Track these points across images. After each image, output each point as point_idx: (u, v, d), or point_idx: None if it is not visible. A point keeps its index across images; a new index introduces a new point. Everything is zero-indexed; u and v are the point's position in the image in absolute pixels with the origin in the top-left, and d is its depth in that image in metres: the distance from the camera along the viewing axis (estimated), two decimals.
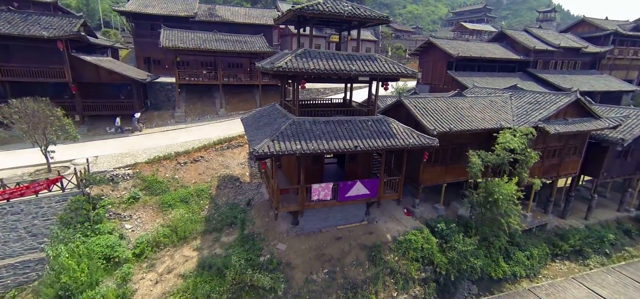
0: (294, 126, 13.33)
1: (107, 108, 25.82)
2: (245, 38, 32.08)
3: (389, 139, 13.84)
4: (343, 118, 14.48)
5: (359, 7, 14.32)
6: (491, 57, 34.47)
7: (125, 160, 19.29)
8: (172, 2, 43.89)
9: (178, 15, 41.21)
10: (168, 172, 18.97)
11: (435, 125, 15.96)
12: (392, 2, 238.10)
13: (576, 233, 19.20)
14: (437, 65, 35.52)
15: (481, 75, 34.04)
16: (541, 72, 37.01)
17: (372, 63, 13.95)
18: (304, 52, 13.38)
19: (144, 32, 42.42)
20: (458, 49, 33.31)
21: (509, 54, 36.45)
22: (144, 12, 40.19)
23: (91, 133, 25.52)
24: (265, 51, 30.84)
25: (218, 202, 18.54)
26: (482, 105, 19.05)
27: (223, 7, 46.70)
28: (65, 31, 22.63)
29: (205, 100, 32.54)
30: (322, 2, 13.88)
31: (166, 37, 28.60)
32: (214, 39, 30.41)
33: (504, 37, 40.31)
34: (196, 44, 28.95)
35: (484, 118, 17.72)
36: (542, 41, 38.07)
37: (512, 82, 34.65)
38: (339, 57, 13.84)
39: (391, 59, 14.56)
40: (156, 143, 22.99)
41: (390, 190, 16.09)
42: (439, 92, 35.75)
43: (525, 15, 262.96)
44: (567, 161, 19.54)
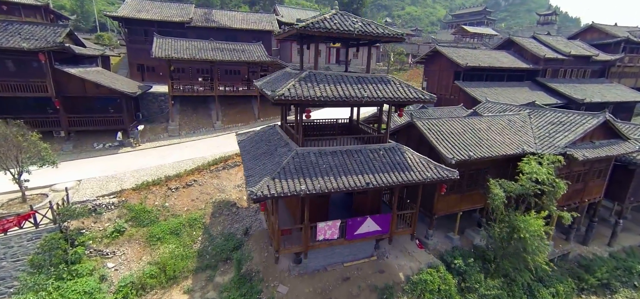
0: (298, 159, 11.72)
1: (94, 123, 24.11)
2: (243, 46, 30.45)
3: (404, 173, 12.27)
4: (352, 148, 12.88)
5: (370, 23, 12.75)
6: (500, 66, 33.01)
7: (111, 186, 17.60)
8: (166, 7, 42.25)
9: (173, 21, 39.61)
10: (157, 200, 17.30)
11: (453, 152, 14.41)
12: (391, 3, 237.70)
13: (602, 264, 17.70)
14: (443, 74, 34.03)
15: (489, 85, 32.59)
16: (551, 81, 35.61)
17: (385, 87, 12.37)
18: (308, 76, 11.77)
19: (137, 38, 40.76)
20: (466, 58, 31.82)
21: (518, 63, 35.01)
22: (137, 18, 38.54)
23: (77, 150, 23.80)
24: (264, 60, 29.24)
25: (212, 232, 16.89)
26: (501, 125, 17.53)
27: (220, 11, 45.10)
28: (48, 42, 20.92)
29: (201, 112, 30.87)
30: (328, 18, 12.31)
31: (159, 46, 26.92)
32: (210, 47, 28.75)
33: (511, 44, 38.89)
34: (191, 53, 27.30)
35: (503, 141, 16.19)
36: (551, 49, 36.67)
37: (521, 91, 33.26)
38: (348, 79, 12.25)
39: (404, 83, 12.98)
40: (146, 162, 21.31)
41: (403, 224, 14.52)
42: (445, 103, 34.29)
43: (524, 17, 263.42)
44: (591, 186, 18.04)
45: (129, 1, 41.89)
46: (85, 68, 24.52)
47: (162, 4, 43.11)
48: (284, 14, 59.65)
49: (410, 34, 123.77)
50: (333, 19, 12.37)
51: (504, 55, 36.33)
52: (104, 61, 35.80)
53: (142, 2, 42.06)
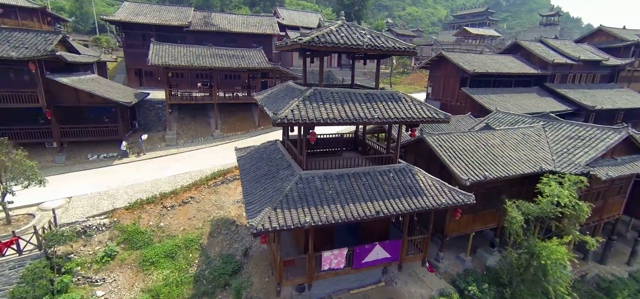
0: (301, 185, 10.76)
1: (88, 134, 23.18)
2: (242, 52, 29.50)
3: (417, 198, 11.30)
4: (360, 170, 11.89)
5: (379, 36, 11.79)
6: (508, 72, 32.02)
7: (102, 204, 16.65)
8: (164, 10, 41.37)
9: (171, 25, 38.72)
10: (152, 219, 16.35)
11: (467, 172, 13.44)
12: (392, 3, 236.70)
13: (623, 287, 16.73)
14: (449, 80, 33.03)
15: (496, 91, 31.58)
16: (559, 86, 34.61)
17: (396, 105, 11.40)
18: (313, 95, 10.80)
19: (134, 42, 39.90)
20: (473, 64, 30.82)
21: (526, 68, 34.01)
22: (134, 22, 37.68)
23: (71, 162, 22.88)
24: (265, 67, 28.29)
25: (210, 253, 15.94)
26: (515, 140, 16.55)
27: (219, 14, 44.18)
28: (38, 51, 20.00)
29: (199, 120, 29.92)
30: (334, 30, 11.35)
31: (155, 52, 25.99)
32: (208, 54, 27.82)
33: (518, 48, 37.87)
34: (189, 60, 26.37)
35: (519, 158, 15.22)
36: (560, 53, 35.66)
37: (529, 98, 32.27)
38: (356, 98, 11.28)
39: (416, 101, 12.00)
40: (141, 176, 20.37)
41: (414, 248, 13.54)
42: (450, 109, 33.28)
43: (525, 17, 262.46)
44: (611, 203, 17.06)
45: (126, 4, 41.02)
46: (79, 77, 23.60)
47: (160, 8, 42.25)
48: (284, 17, 58.76)
49: (412, 34, 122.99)
50: (340, 31, 11.40)
51: (511, 60, 35.32)
52: (101, 66, 34.88)
53: (140, 6, 41.18)
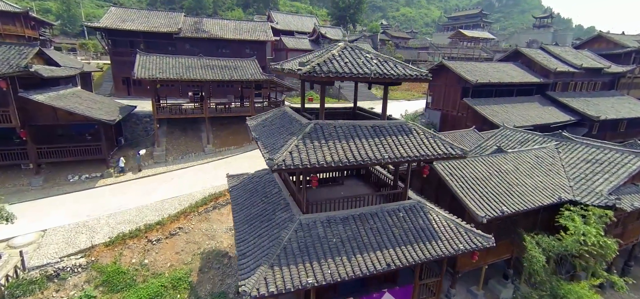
0: (301, 233, 9.42)
1: (68, 154, 21.50)
2: (235, 63, 28.03)
3: (431, 244, 10.05)
4: (366, 210, 10.60)
5: (387, 60, 10.51)
6: (510, 81, 31.10)
7: (80, 239, 15.10)
8: (153, 16, 39.71)
9: (160, 31, 37.12)
10: (135, 256, 14.85)
11: (483, 207, 12.24)
12: (386, 4, 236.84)
13: None
14: (450, 90, 31.99)
15: (498, 101, 30.61)
16: (561, 95, 33.82)
17: (407, 140, 10.12)
18: (314, 131, 9.46)
19: (121, 50, 38.16)
20: (475, 74, 29.82)
21: (528, 77, 33.14)
22: (121, 29, 35.95)
23: (49, 184, 21.20)
24: (259, 79, 26.85)
25: (200, 292, 14.51)
26: (528, 163, 15.44)
27: (211, 20, 42.56)
28: (10, 66, 18.32)
29: (190, 134, 28.37)
30: (337, 55, 10.05)
31: (142, 64, 24.41)
32: (199, 65, 26.31)
33: (518, 55, 37.03)
34: (178, 72, 24.84)
35: (535, 186, 14.09)
36: (561, 61, 34.89)
37: (531, 108, 31.37)
38: (362, 132, 9.97)
39: (429, 133, 10.74)
40: (125, 201, 18.83)
41: (426, 292, 12.29)
42: (451, 120, 32.26)
43: (517, 18, 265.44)
44: (631, 229, 16.05)
45: (112, 10, 39.25)
46: (57, 92, 21.91)
47: (149, 13, 40.59)
48: (278, 21, 57.39)
49: (407, 36, 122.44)
50: (343, 56, 10.09)
51: (512, 68, 34.44)
52: (85, 77, 33.00)
53: (127, 11, 39.48)
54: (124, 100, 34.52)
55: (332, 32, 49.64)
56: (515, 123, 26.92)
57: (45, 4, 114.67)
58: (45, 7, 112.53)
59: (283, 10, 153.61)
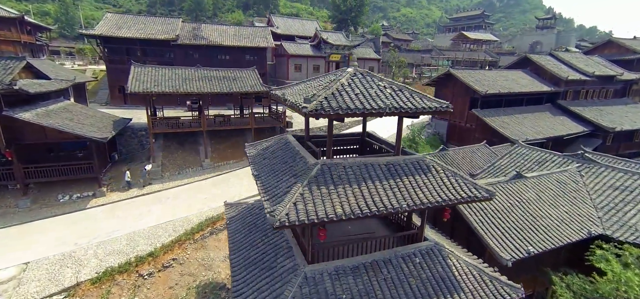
0: (307, 290, 8.25)
1: (57, 173, 20.37)
2: (234, 74, 26.87)
3: (452, 298, 8.88)
4: (378, 256, 9.41)
5: (402, 89, 9.35)
6: (520, 91, 29.91)
7: (65, 274, 13.96)
8: (150, 22, 38.58)
9: (157, 39, 36.01)
10: (124, 293, 13.69)
11: (507, 248, 11.08)
12: (386, 5, 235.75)
13: None
14: (458, 100, 30.78)
15: (508, 111, 29.40)
16: (572, 103, 32.61)
17: (426, 180, 8.94)
18: (321, 174, 8.29)
19: (117, 57, 37.09)
20: (485, 84, 28.64)
21: (538, 85, 31.94)
22: (117, 36, 34.84)
23: (38, 205, 20.08)
24: (259, 91, 25.68)
25: None
26: (550, 190, 14.25)
27: (209, 26, 41.42)
28: None
29: (187, 147, 27.23)
30: (346, 84, 8.91)
31: (136, 77, 23.28)
32: (196, 76, 25.17)
33: (527, 62, 35.84)
34: (174, 84, 23.70)
35: (561, 218, 12.90)
36: (573, 68, 33.69)
37: (543, 118, 30.16)
38: (375, 173, 8.79)
39: (450, 171, 9.56)
40: (116, 226, 17.69)
41: None
42: (459, 131, 31.08)
43: (518, 18, 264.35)
44: None
45: (108, 16, 38.17)
46: (46, 108, 20.78)
47: (145, 19, 39.47)
48: (279, 25, 56.28)
49: (408, 38, 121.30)
50: (353, 85, 8.93)
51: (521, 76, 33.25)
52: (80, 87, 31.78)
53: (123, 18, 38.37)
54: (120, 110, 33.51)
55: (334, 37, 48.47)
56: (527, 136, 25.77)
57: (43, 7, 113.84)
58: (44, 10, 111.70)
59: (283, 12, 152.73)
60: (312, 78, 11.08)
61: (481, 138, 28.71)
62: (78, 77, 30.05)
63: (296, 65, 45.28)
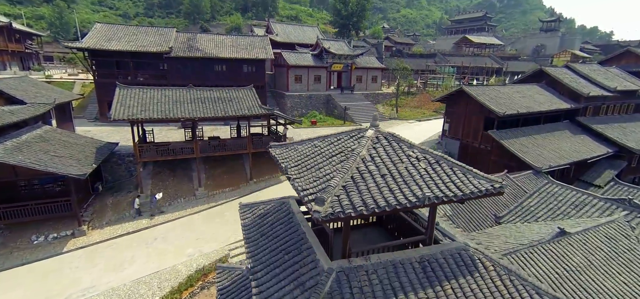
0: None
1: (30, 213, 18.15)
2: (230, 94, 24.67)
3: None
4: None
5: (439, 160, 7.16)
6: (539, 110, 27.73)
7: None
8: (142, 34, 36.40)
9: (149, 51, 33.77)
10: None
11: None
12: (386, 6, 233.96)
13: None
14: (471, 119, 28.64)
15: (526, 132, 27.18)
16: (592, 121, 30.45)
17: (475, 286, 6.76)
18: (337, 289, 6.07)
19: (107, 71, 34.94)
20: (501, 103, 26.46)
21: (557, 103, 29.77)
22: (106, 49, 32.64)
23: (7, 250, 17.85)
24: (257, 113, 23.49)
25: None
26: (600, 250, 12.07)
27: (205, 36, 39.26)
28: None
29: (180, 174, 25.04)
30: (367, 157, 6.75)
31: (121, 101, 21.10)
32: (189, 98, 22.98)
33: (542, 75, 33.66)
34: (164, 109, 21.53)
35: (621, 292, 10.72)
36: (593, 83, 31.54)
37: (563, 138, 28.01)
38: (408, 277, 6.58)
39: (509, 271, 7.38)
40: (91, 280, 15.49)
41: None
42: (472, 152, 28.88)
43: (519, 19, 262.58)
44: None
45: (97, 27, 35.94)
46: (20, 139, 18.54)
47: (137, 30, 37.31)
48: (278, 32, 54.13)
49: (410, 42, 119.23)
50: (377, 160, 6.75)
51: (538, 92, 31.09)
52: (61, 110, 29.21)
53: (113, 29, 36.18)
54: (109, 128, 31.42)
55: (336, 46, 46.29)
56: (550, 162, 23.65)
57: (37, 11, 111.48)
58: (38, 14, 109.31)
59: (283, 14, 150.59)
60: (321, 139, 8.86)
61: (497, 161, 26.59)
62: (62, 95, 27.81)
63: (296, 76, 43.12)
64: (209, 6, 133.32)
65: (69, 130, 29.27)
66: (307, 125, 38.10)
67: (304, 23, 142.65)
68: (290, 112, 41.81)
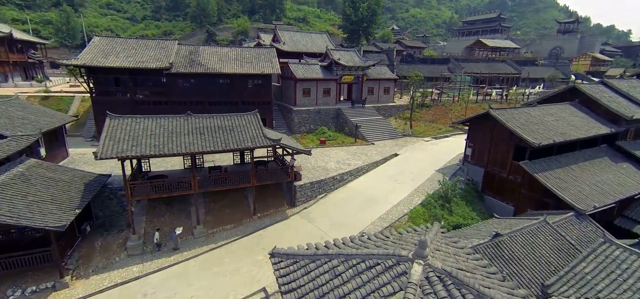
0: None
1: (5, 266, 16.12)
2: (232, 122, 22.32)
3: None
4: None
5: None
6: (576, 138, 24.76)
7: None
8: (142, 47, 34.47)
9: (148, 68, 31.78)
10: None
11: None
12: (395, 5, 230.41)
13: None
14: (498, 145, 25.82)
15: (561, 162, 24.25)
16: (634, 146, 27.38)
17: None
18: None
19: (105, 88, 33.09)
20: (534, 130, 23.60)
21: (594, 126, 26.70)
22: (103, 66, 30.72)
23: None
24: (261, 145, 21.10)
25: None
26: None
27: (208, 49, 37.16)
28: None
29: (176, 209, 22.87)
30: None
31: (110, 135, 18.96)
32: (186, 129, 20.74)
33: (575, 93, 30.60)
34: (158, 143, 19.29)
35: None
36: (634, 102, 28.38)
37: (603, 167, 25.06)
38: None
39: None
40: None
41: None
42: (499, 182, 26.05)
43: (531, 18, 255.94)
44: None
45: (95, 41, 34.07)
46: None
47: (137, 43, 35.37)
48: (286, 41, 51.82)
49: (421, 46, 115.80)
50: None
51: (571, 114, 28.06)
52: (50, 140, 26.98)
53: (112, 42, 34.32)
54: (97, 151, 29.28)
55: (346, 56, 43.70)
56: (594, 202, 20.79)
57: (45, 15, 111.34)
58: (46, 18, 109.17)
59: (290, 15, 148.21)
60: (343, 259, 6.40)
61: (530, 195, 23.80)
62: (53, 119, 25.85)
63: (304, 90, 40.70)
64: (216, 9, 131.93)
65: (62, 155, 27.49)
66: (316, 143, 35.66)
67: (312, 29, 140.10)
68: (298, 128, 39.46)
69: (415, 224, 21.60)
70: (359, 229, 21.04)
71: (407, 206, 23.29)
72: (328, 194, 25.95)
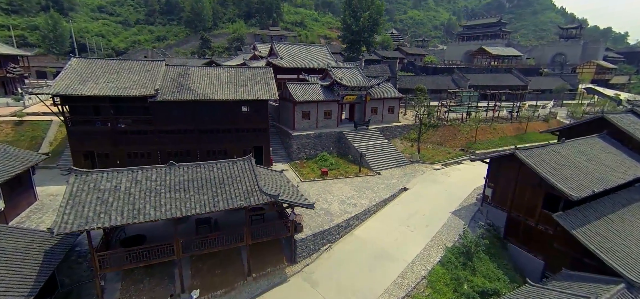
0: None
1: None
2: (223, 172, 19.13)
3: None
4: None
5: None
6: (616, 183, 21.92)
7: None
8: (125, 70, 31.24)
9: (130, 95, 28.51)
10: None
11: None
12: (393, 7, 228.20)
13: None
14: (525, 190, 22.90)
15: (599, 209, 21.25)
16: None
17: None
18: None
19: (83, 118, 29.78)
20: (568, 178, 20.71)
21: (629, 166, 23.96)
22: (79, 95, 27.42)
23: None
24: (255, 204, 17.92)
25: None
26: None
27: (198, 70, 33.91)
28: None
29: (157, 274, 19.62)
30: None
31: (73, 198, 15.70)
32: (167, 185, 17.53)
33: (603, 124, 27.83)
34: (132, 205, 16.09)
35: None
36: None
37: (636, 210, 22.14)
38: None
39: None
40: None
41: None
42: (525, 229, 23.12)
43: (529, 20, 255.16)
44: None
45: (72, 63, 30.70)
46: None
47: (119, 65, 32.08)
48: (283, 55, 48.62)
49: (422, 52, 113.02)
50: None
51: (602, 149, 25.25)
52: (13, 184, 24.00)
53: (91, 65, 30.99)
54: None
55: (348, 75, 40.63)
56: None
57: (33, 21, 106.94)
58: (33, 24, 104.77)
59: (287, 19, 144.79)
60: None
61: (564, 251, 20.86)
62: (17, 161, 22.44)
63: (304, 112, 37.62)
64: (211, 13, 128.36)
65: (28, 201, 24.18)
66: (317, 174, 32.59)
67: (309, 34, 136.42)
68: (297, 154, 36.37)
69: (436, 292, 18.61)
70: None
71: (424, 266, 20.27)
72: (333, 245, 22.90)
